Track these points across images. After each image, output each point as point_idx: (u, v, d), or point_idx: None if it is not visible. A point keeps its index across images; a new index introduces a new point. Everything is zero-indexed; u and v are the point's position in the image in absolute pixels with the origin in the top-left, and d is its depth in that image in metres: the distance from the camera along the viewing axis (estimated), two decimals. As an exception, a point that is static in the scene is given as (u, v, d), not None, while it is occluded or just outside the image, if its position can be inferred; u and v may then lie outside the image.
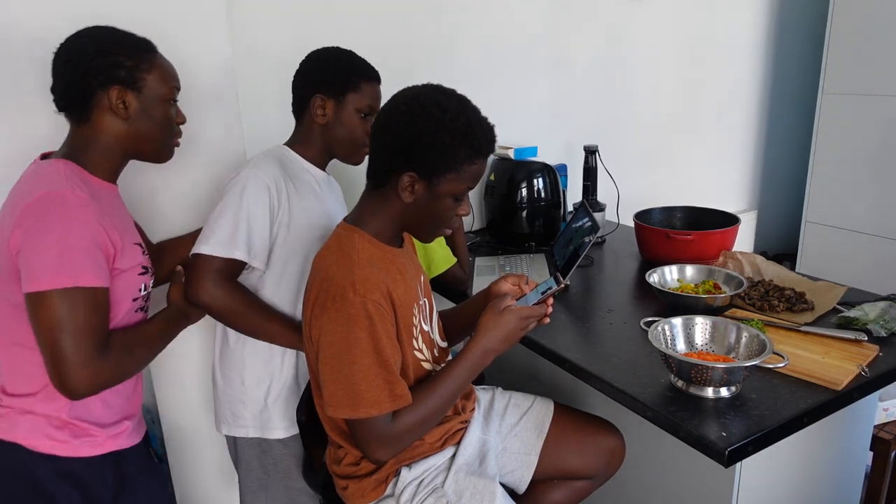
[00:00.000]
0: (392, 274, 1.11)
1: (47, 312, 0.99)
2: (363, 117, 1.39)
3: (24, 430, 1.08)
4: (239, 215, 1.25)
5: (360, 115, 1.38)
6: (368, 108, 1.39)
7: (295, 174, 1.37)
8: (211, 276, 1.23)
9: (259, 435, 1.38)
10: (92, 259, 1.02)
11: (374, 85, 1.41)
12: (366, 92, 1.38)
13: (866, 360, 1.21)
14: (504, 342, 1.14)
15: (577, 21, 2.39)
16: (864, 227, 2.78)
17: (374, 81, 1.41)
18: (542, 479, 1.34)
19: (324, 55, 1.41)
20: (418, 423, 1.09)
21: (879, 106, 2.65)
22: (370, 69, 1.41)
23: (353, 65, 1.40)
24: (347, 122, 1.38)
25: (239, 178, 1.29)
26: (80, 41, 1.11)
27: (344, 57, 1.41)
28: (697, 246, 1.73)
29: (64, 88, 1.11)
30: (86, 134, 1.12)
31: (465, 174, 1.09)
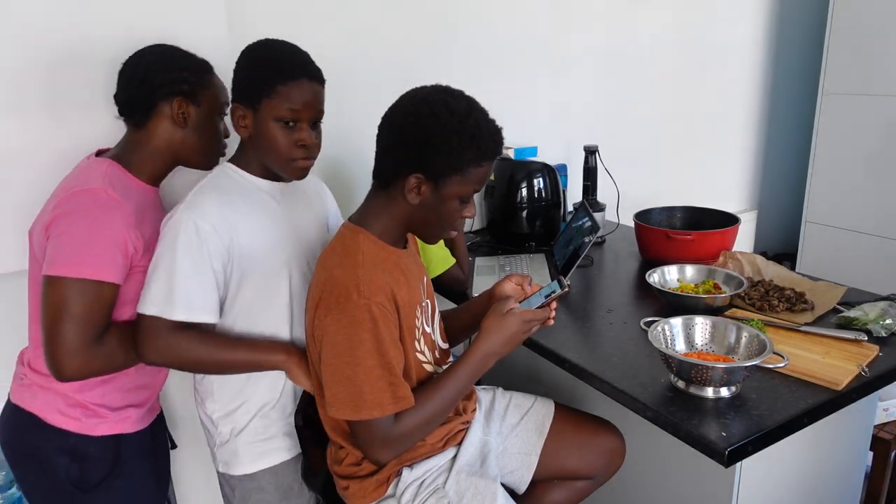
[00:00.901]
0: (396, 275, 1.11)
1: (53, 296, 1.09)
2: (288, 126, 1.18)
3: (40, 403, 1.21)
4: (174, 270, 1.11)
5: (281, 124, 1.17)
6: (290, 114, 1.17)
7: (242, 194, 1.22)
8: (153, 334, 1.12)
9: (225, 471, 1.31)
10: (108, 255, 1.11)
11: (297, 85, 1.16)
12: (285, 96, 1.16)
13: (866, 360, 1.21)
14: (506, 345, 1.14)
15: (577, 21, 2.39)
16: (864, 227, 2.78)
17: (297, 80, 1.17)
18: (543, 479, 1.34)
19: (243, 54, 1.22)
20: (420, 425, 1.09)
21: (879, 106, 2.65)
22: (293, 66, 1.18)
23: (268, 64, 1.18)
24: (266, 134, 1.18)
25: (172, 223, 1.15)
26: (148, 57, 1.24)
27: (260, 54, 1.20)
28: (697, 246, 1.73)
29: (129, 96, 1.24)
30: (140, 138, 1.24)
31: (471, 176, 1.09)
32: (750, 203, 3.27)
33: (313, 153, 1.24)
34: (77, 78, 1.38)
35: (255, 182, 1.25)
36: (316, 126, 1.24)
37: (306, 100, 1.18)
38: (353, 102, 1.92)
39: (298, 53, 1.22)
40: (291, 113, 1.17)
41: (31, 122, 1.37)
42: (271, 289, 1.24)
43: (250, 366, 1.21)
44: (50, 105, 1.38)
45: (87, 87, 1.38)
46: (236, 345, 1.20)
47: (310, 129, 1.21)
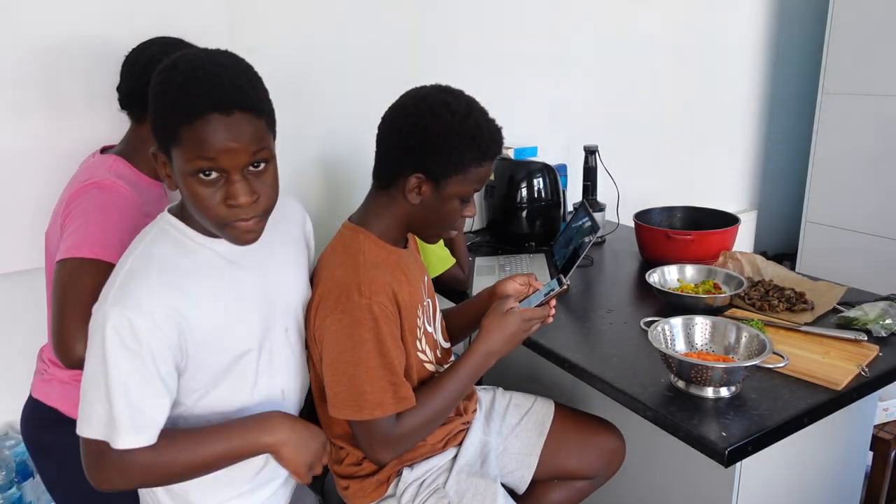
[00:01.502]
0: (397, 275, 1.11)
1: (61, 276, 1.08)
2: (207, 178, 0.87)
3: (62, 398, 1.21)
4: (110, 388, 0.87)
5: (198, 178, 0.87)
6: (205, 164, 0.86)
7: (189, 266, 0.95)
8: (100, 462, 0.91)
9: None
10: (117, 238, 1.08)
11: (204, 125, 0.84)
12: (191, 141, 0.85)
13: (866, 360, 1.21)
14: (507, 344, 1.14)
15: (577, 21, 2.39)
16: (864, 227, 2.78)
17: (203, 118, 0.84)
18: (543, 479, 1.34)
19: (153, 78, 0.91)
20: (422, 425, 1.09)
21: (879, 106, 2.65)
22: (192, 98, 0.85)
23: (168, 97, 0.87)
24: (185, 190, 0.90)
25: (98, 321, 0.88)
26: (150, 48, 1.22)
27: (162, 79, 0.88)
28: (697, 246, 1.73)
29: (129, 89, 1.22)
30: (142, 133, 1.22)
31: (471, 176, 1.09)
32: (750, 203, 3.27)
33: (255, 211, 0.91)
34: (78, 77, 1.39)
35: (206, 243, 0.97)
36: (260, 169, 0.91)
37: (221, 143, 0.85)
38: (352, 102, 1.93)
39: (205, 76, 0.85)
40: (205, 162, 0.86)
41: (32, 122, 1.37)
42: (246, 374, 1.01)
43: (231, 458, 0.97)
44: (51, 104, 1.38)
45: (89, 86, 1.38)
46: (207, 437, 0.95)
47: (242, 179, 0.88)
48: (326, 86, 1.88)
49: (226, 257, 0.99)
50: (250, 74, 0.92)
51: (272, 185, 0.94)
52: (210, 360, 0.96)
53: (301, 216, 1.20)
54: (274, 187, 0.95)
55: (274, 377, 1.06)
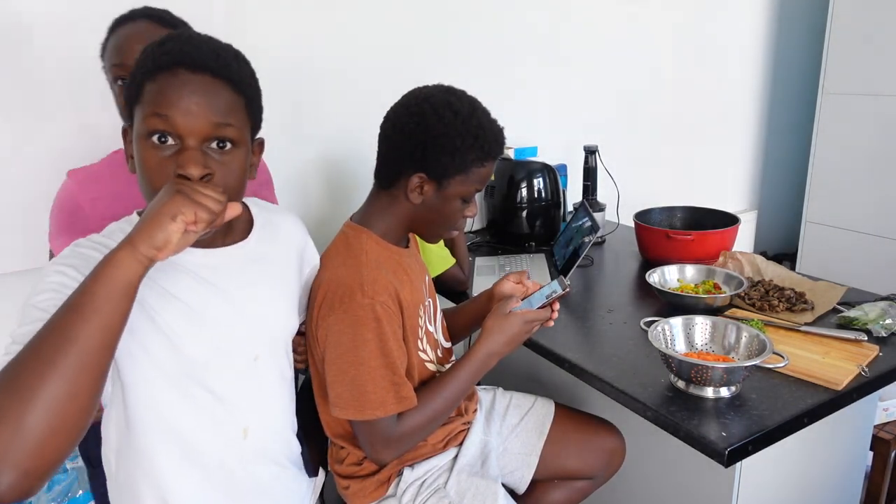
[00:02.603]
0: (399, 275, 1.11)
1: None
2: (161, 144, 0.80)
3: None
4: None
5: (152, 142, 0.80)
6: (159, 124, 0.79)
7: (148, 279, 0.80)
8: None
9: None
10: None
11: (170, 79, 0.79)
12: (152, 97, 0.79)
13: (866, 360, 1.21)
14: (508, 345, 1.14)
15: (577, 21, 2.39)
16: (864, 227, 2.78)
17: (170, 70, 0.79)
18: (543, 479, 1.34)
19: None
20: (423, 425, 1.09)
21: (879, 106, 2.65)
22: (163, 53, 0.80)
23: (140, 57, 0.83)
24: (137, 159, 0.83)
25: None
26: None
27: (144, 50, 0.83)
28: (697, 246, 1.73)
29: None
30: None
31: (473, 176, 1.10)
32: (750, 203, 3.27)
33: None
34: (73, 78, 1.38)
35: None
36: (225, 150, 0.82)
37: (180, 100, 0.78)
38: (353, 102, 1.93)
39: (186, 38, 0.82)
40: (159, 121, 0.78)
41: (28, 123, 1.37)
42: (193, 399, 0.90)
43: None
44: (46, 105, 1.38)
45: (83, 87, 1.38)
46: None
47: (198, 150, 0.79)
48: (328, 85, 1.88)
49: (196, 272, 0.89)
50: (240, 56, 0.87)
51: (235, 172, 0.85)
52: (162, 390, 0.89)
53: (301, 237, 1.10)
54: (237, 176, 0.85)
55: (232, 411, 0.93)
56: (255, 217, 1.02)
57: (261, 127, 0.92)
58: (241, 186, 0.87)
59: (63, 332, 0.69)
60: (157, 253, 0.73)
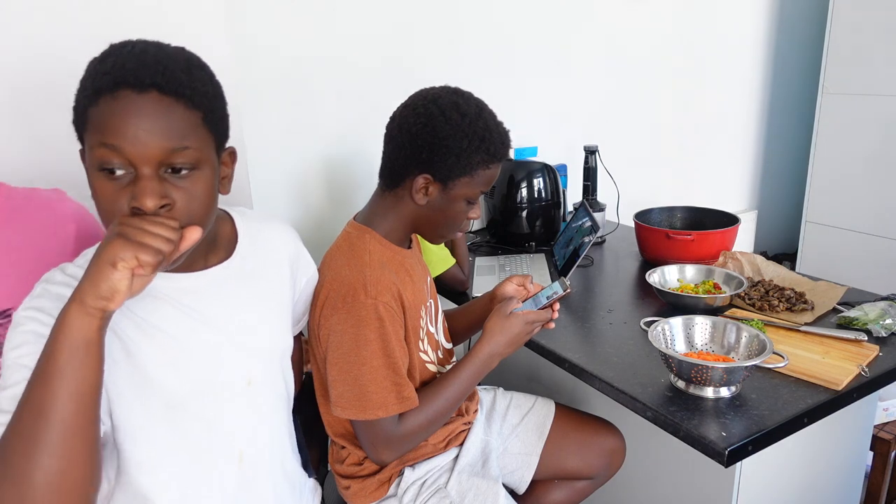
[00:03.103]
0: (401, 276, 1.11)
1: None
2: (112, 176, 0.72)
3: None
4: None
5: (104, 174, 0.72)
6: (108, 154, 0.71)
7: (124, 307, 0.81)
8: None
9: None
10: None
11: (113, 103, 0.71)
12: (98, 123, 0.71)
13: (866, 360, 1.21)
14: (509, 346, 1.15)
15: (577, 21, 2.39)
16: (864, 227, 2.78)
17: (112, 94, 0.71)
18: (543, 479, 1.35)
19: None
20: (424, 426, 1.09)
21: (879, 106, 2.65)
22: (106, 72, 0.71)
23: (85, 76, 0.75)
24: (90, 186, 0.75)
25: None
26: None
27: (87, 67, 0.76)
28: (697, 246, 1.73)
29: None
30: None
31: (479, 178, 1.10)
32: (750, 203, 3.27)
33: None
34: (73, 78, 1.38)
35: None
36: (183, 175, 0.74)
37: (126, 126, 0.69)
38: (353, 102, 1.93)
39: (130, 51, 0.73)
40: (107, 151, 0.70)
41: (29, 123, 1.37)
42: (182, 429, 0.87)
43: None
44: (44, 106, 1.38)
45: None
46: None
47: (154, 178, 0.71)
48: (329, 85, 1.88)
49: (178, 299, 0.84)
50: (193, 63, 0.77)
51: (200, 197, 0.76)
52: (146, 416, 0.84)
53: (293, 248, 1.04)
54: (202, 201, 0.77)
55: (225, 438, 0.90)
56: (239, 231, 0.95)
57: (228, 136, 0.85)
58: (209, 210, 0.79)
59: (35, 407, 0.66)
60: (107, 304, 0.68)
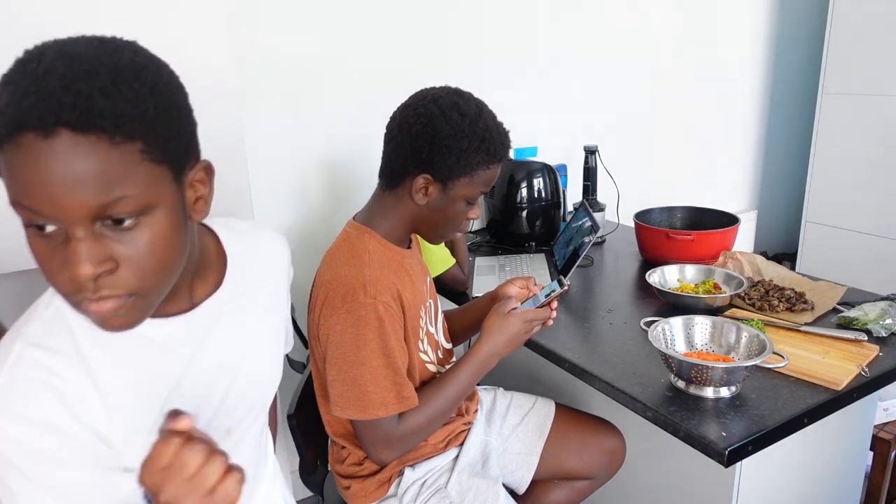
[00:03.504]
0: (401, 276, 1.11)
1: None
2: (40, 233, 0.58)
3: None
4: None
5: (33, 230, 0.58)
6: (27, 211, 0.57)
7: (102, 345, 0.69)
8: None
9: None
10: None
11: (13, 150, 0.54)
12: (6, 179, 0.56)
13: (866, 360, 1.21)
14: (508, 345, 1.14)
15: (576, 21, 2.39)
16: (864, 226, 2.78)
17: (11, 139, 0.54)
18: (543, 479, 1.35)
19: None
20: (424, 425, 1.10)
21: (879, 106, 2.65)
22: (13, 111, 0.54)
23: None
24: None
25: None
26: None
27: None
28: (697, 246, 1.73)
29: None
30: None
31: (479, 179, 1.11)
32: (750, 203, 3.27)
33: (110, 288, 0.59)
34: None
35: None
36: (126, 226, 0.58)
37: (36, 183, 0.54)
38: (354, 102, 1.93)
39: (33, 72, 0.54)
40: (25, 212, 0.57)
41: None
42: None
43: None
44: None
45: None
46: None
47: (88, 236, 0.57)
48: (329, 85, 1.88)
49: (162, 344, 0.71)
50: (123, 75, 0.56)
51: (154, 248, 0.60)
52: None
53: (283, 262, 0.90)
54: (159, 253, 0.61)
55: None
56: (227, 250, 0.80)
57: (194, 152, 0.67)
58: (170, 259, 0.63)
59: None
60: None
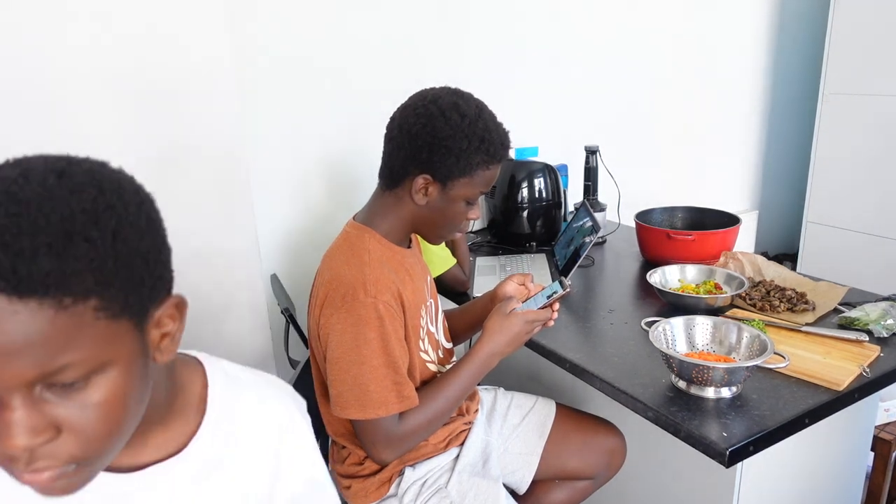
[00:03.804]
0: (401, 275, 1.11)
1: None
2: None
3: None
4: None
5: None
6: None
7: None
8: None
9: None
10: None
11: None
12: None
13: (867, 360, 1.21)
14: (509, 345, 1.14)
15: (577, 21, 2.39)
16: (864, 227, 2.78)
17: None
18: (544, 479, 1.34)
19: None
20: (424, 425, 1.09)
21: (879, 106, 2.65)
22: None
23: None
24: None
25: None
26: None
27: None
28: (698, 246, 1.73)
29: None
30: None
31: (479, 179, 1.10)
32: (751, 203, 3.27)
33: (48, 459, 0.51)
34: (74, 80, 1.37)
35: None
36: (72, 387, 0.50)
37: None
38: (353, 101, 1.93)
39: None
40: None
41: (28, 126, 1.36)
42: None
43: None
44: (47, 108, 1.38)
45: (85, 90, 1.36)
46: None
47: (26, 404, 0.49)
48: (330, 85, 1.88)
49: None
50: (75, 223, 0.47)
51: (103, 414, 0.51)
52: None
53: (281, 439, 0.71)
54: (106, 418, 0.52)
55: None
56: (209, 403, 0.66)
57: (162, 290, 0.56)
58: (119, 424, 0.53)
59: None
60: None
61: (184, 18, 1.42)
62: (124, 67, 1.32)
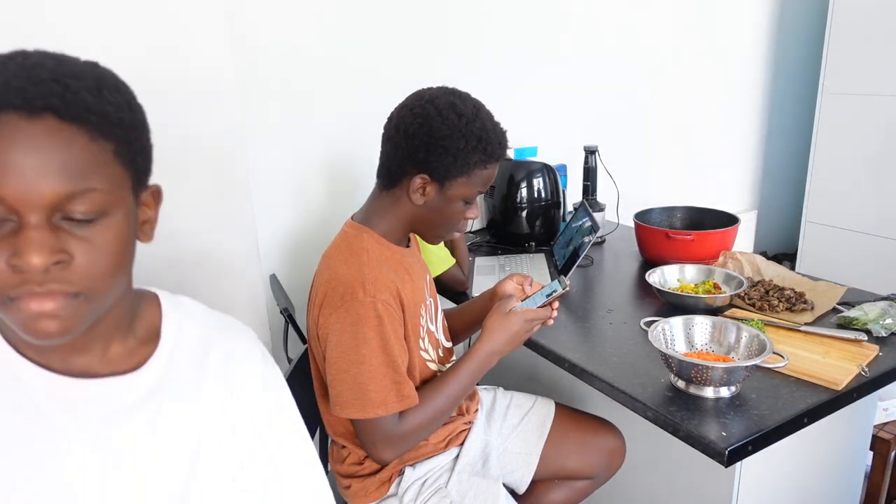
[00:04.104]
0: (400, 274, 1.11)
1: None
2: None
3: None
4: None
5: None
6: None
7: None
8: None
9: None
10: None
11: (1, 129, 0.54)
12: None
13: (866, 359, 1.21)
14: (509, 344, 1.15)
15: (577, 21, 2.39)
16: (864, 227, 2.78)
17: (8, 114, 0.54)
18: (543, 478, 1.35)
19: None
20: (424, 424, 1.10)
21: (879, 106, 2.65)
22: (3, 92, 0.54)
23: None
24: None
25: None
26: None
27: None
28: (697, 246, 1.73)
29: None
30: None
31: (476, 178, 1.10)
32: (750, 203, 3.27)
33: (57, 280, 0.55)
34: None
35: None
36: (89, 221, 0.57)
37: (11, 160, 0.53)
38: (353, 102, 1.93)
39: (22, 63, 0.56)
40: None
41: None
42: None
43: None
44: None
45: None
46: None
47: (44, 226, 0.55)
48: (329, 85, 1.88)
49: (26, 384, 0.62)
50: (106, 83, 0.60)
51: (108, 251, 0.58)
52: None
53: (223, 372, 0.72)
54: (111, 256, 0.59)
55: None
56: (163, 332, 0.70)
57: (150, 172, 0.66)
58: (119, 266, 0.60)
59: None
60: None
61: (184, 19, 1.42)
62: (124, 68, 1.32)
